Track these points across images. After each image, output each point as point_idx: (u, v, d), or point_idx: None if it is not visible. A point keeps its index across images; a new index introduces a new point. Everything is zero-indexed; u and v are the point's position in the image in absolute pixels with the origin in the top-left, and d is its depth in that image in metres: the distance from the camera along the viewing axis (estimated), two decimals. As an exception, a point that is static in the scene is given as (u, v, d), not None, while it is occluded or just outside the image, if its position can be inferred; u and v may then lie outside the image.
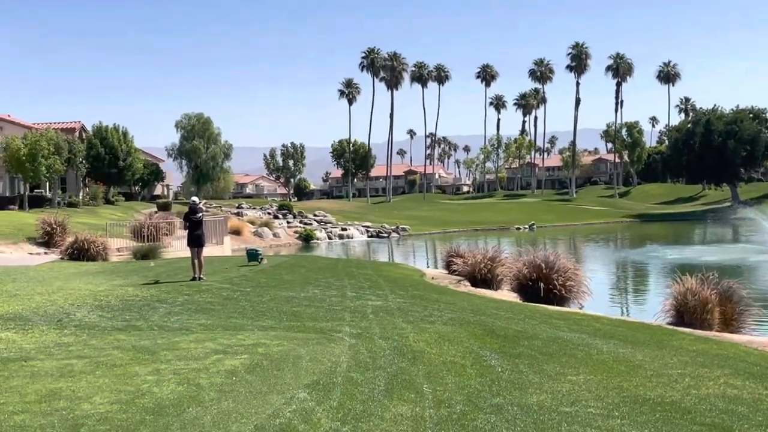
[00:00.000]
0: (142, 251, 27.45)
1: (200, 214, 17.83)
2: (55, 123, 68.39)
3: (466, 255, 22.09)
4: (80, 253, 25.04)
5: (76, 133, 67.49)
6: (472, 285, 20.32)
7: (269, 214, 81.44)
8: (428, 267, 38.99)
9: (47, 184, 59.31)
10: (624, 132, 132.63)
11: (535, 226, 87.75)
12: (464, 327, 11.08)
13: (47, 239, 28.74)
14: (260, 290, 15.16)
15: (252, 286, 15.97)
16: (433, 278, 21.84)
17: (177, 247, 31.63)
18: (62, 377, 7.50)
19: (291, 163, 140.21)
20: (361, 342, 9.48)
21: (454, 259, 22.58)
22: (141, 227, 31.85)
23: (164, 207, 68.19)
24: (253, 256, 21.72)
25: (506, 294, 19.39)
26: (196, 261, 17.41)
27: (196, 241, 17.63)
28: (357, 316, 11.85)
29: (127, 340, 9.47)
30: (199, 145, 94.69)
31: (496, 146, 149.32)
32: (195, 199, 18.07)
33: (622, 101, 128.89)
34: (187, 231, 17.94)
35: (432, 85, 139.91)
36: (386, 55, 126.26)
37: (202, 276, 17.28)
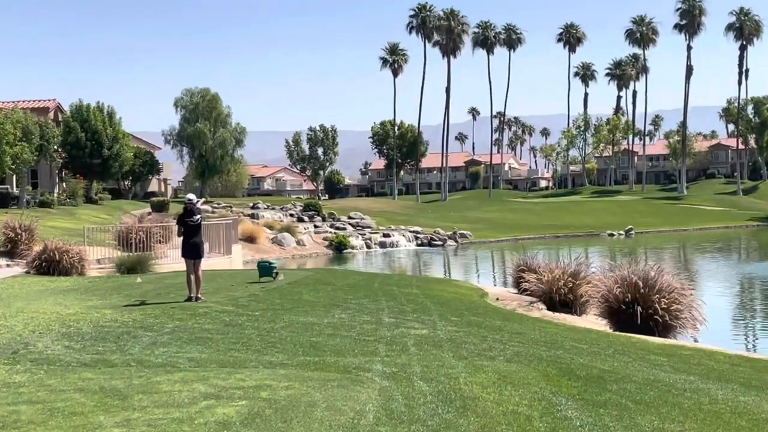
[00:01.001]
0: (128, 263, 27.72)
1: (198, 217, 17.75)
2: (23, 101, 69.63)
3: (541, 269, 22.05)
4: (50, 265, 25.33)
5: (50, 114, 68.67)
6: (548, 308, 20.35)
7: (292, 215, 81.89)
8: (493, 285, 38.82)
9: (13, 178, 60.36)
10: (750, 110, 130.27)
11: (632, 232, 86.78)
12: (533, 365, 10.89)
13: (10, 247, 29.16)
14: (272, 314, 15.14)
15: (262, 309, 15.97)
16: (497, 299, 21.82)
17: (173, 257, 31.81)
18: (3, 429, 7.40)
19: (320, 151, 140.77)
20: (395, 384, 9.31)
21: (525, 275, 22.52)
22: (128, 233, 32.11)
23: (160, 207, 69.10)
24: (265, 270, 21.72)
25: (592, 320, 19.19)
26: (192, 276, 17.41)
27: (193, 251, 17.63)
28: (394, 349, 11.72)
29: (94, 380, 9.39)
30: (203, 128, 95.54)
31: (582, 129, 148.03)
32: (191, 196, 17.95)
33: (747, 70, 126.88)
34: (181, 238, 17.94)
35: (500, 51, 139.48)
36: (441, 13, 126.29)
37: (199, 296, 17.33)
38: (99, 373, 9.84)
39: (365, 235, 75.81)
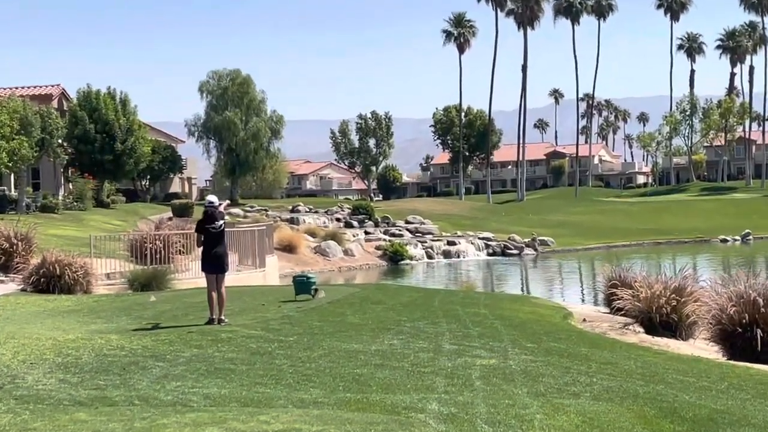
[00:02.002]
0: (142, 278, 27.83)
1: (221, 222, 17.68)
2: (22, 87, 70.63)
3: (638, 284, 21.92)
4: (49, 281, 25.47)
5: (54, 103, 69.60)
6: (647, 331, 20.20)
7: (338, 220, 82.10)
8: (580, 303, 38.37)
9: (11, 177, 61.24)
10: None
11: (750, 237, 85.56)
12: (627, 403, 10.62)
13: (4, 260, 29.41)
14: (309, 340, 15.07)
15: (297, 333, 15.89)
16: (584, 321, 21.74)
17: (195, 271, 31.88)
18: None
19: (372, 143, 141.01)
20: (454, 429, 9.10)
21: (618, 291, 22.31)
22: (143, 242, 32.22)
23: (182, 211, 69.59)
24: (302, 286, 21.63)
25: (700, 347, 19.01)
26: (214, 294, 17.35)
27: (215, 264, 17.60)
28: (455, 383, 11.53)
29: (88, 423, 9.24)
30: (234, 117, 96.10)
31: (688, 113, 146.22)
32: (212, 198, 17.92)
33: None
34: (201, 248, 17.92)
35: (587, 21, 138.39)
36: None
37: (222, 317, 17.27)
38: (95, 413, 9.70)
39: (426, 242, 75.66)
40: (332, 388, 11.08)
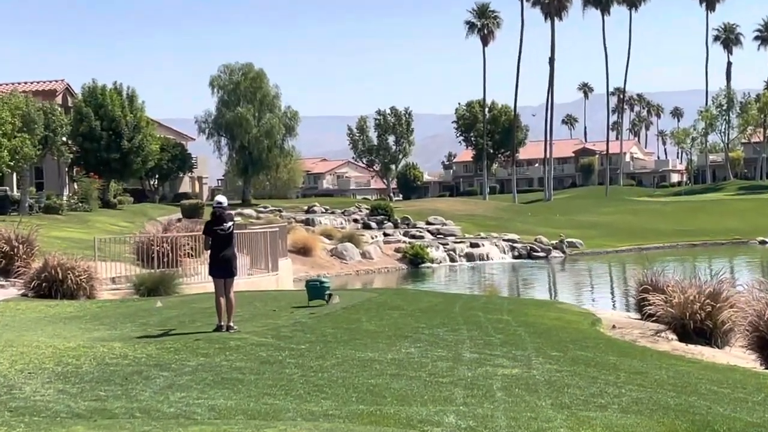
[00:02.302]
0: (149, 283, 27.86)
1: (230, 224, 17.74)
2: (24, 82, 70.91)
3: (671, 288, 21.81)
4: (51, 286, 25.47)
5: (58, 99, 69.88)
6: (680, 339, 20.07)
7: (356, 221, 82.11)
8: (610, 308, 38.18)
9: (13, 177, 61.43)
10: None
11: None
12: (658, 416, 10.54)
13: (4, 264, 29.46)
14: (321, 348, 15.04)
15: (309, 341, 15.86)
16: (613, 327, 21.70)
17: (204, 275, 31.88)
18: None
19: (391, 140, 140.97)
20: (473, 444, 8.96)
21: (649, 296, 22.19)
22: (149, 244, 32.26)
23: (192, 212, 69.70)
24: (316, 291, 21.59)
25: (737, 355, 18.97)
26: (222, 300, 17.40)
27: (222, 268, 17.63)
28: (475, 394, 11.48)
29: (86, 436, 9.19)
30: (246, 113, 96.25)
31: (725, 107, 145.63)
32: (221, 199, 18.00)
33: None
34: (209, 251, 17.95)
35: (618, 11, 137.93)
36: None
37: (231, 324, 17.29)
38: (93, 426, 9.66)
39: (448, 245, 75.58)
40: (344, 400, 11.04)
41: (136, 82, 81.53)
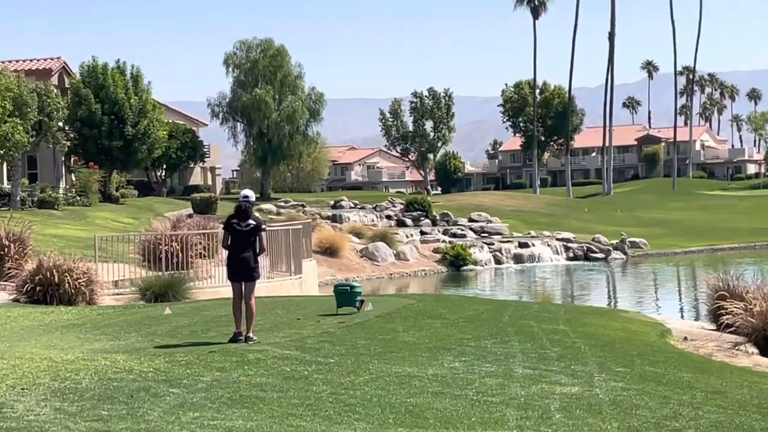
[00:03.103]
0: (156, 287, 27.86)
1: (252, 222, 17.84)
2: (16, 60, 71.25)
3: (751, 295, 21.65)
4: (46, 290, 25.41)
5: (54, 79, 70.17)
6: (762, 353, 19.94)
7: (389, 218, 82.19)
8: (679, 317, 37.98)
9: (4, 167, 61.71)
10: None
11: None
12: (741, 443, 10.38)
13: (-6, 266, 29.49)
14: (353, 362, 15.03)
15: (339, 354, 15.85)
16: (685, 339, 21.60)
17: (219, 278, 32.00)
18: None
19: (429, 126, 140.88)
20: (530, 473, 8.87)
21: (726, 303, 21.93)
22: (157, 243, 32.28)
23: (205, 207, 69.98)
24: (346, 297, 21.56)
25: None
26: (242, 305, 17.53)
27: (239, 271, 17.76)
28: (529, 416, 11.44)
29: (87, 462, 9.14)
30: (265, 95, 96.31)
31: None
32: (248, 193, 18.25)
33: None
34: (227, 251, 18.05)
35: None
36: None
37: (250, 335, 17.38)
38: (95, 451, 9.62)
39: (493, 245, 75.54)
40: (381, 422, 11.01)
41: (141, 61, 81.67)
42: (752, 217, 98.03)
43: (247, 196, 18.07)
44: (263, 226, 18.23)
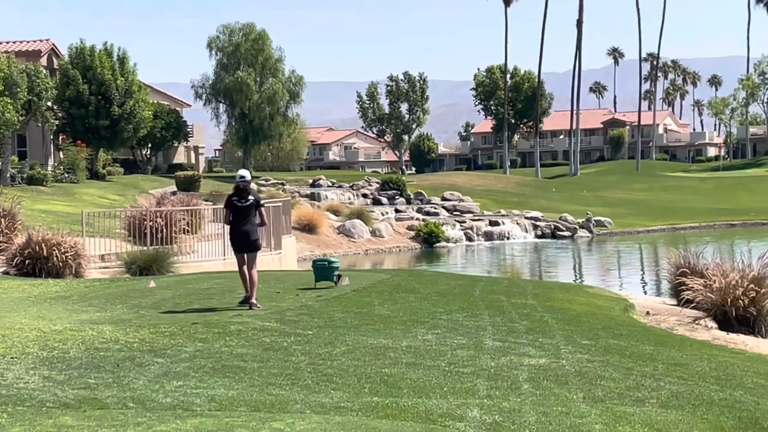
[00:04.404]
0: (141, 261, 27.90)
1: (251, 197, 18.67)
2: (6, 42, 71.02)
3: (711, 272, 21.76)
4: (35, 263, 25.39)
5: (43, 60, 69.87)
6: (721, 327, 19.98)
7: (365, 196, 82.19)
8: (642, 293, 38.13)
9: (-7, 145, 61.38)
10: None
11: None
12: (701, 412, 10.50)
13: (-16, 240, 29.39)
14: (330, 334, 15.02)
15: (317, 326, 15.83)
16: (648, 314, 21.58)
17: (202, 253, 32.02)
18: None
19: (404, 108, 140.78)
20: (499, 441, 8.92)
21: (687, 280, 22.01)
22: (142, 219, 32.25)
23: (188, 184, 69.83)
24: (324, 271, 21.53)
25: None
26: (245, 269, 18.42)
27: (240, 242, 18.59)
28: (499, 386, 11.46)
29: (74, 428, 9.13)
30: (247, 77, 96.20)
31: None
32: (244, 173, 19.01)
33: None
34: (230, 226, 18.93)
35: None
36: None
37: (253, 301, 18.10)
38: (82, 417, 9.59)
39: (465, 222, 75.63)
40: (357, 391, 11.02)
41: (127, 43, 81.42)
42: (712, 198, 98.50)
43: (243, 176, 18.81)
44: (261, 202, 19.13)
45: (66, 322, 16.10)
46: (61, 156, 69.54)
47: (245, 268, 18.41)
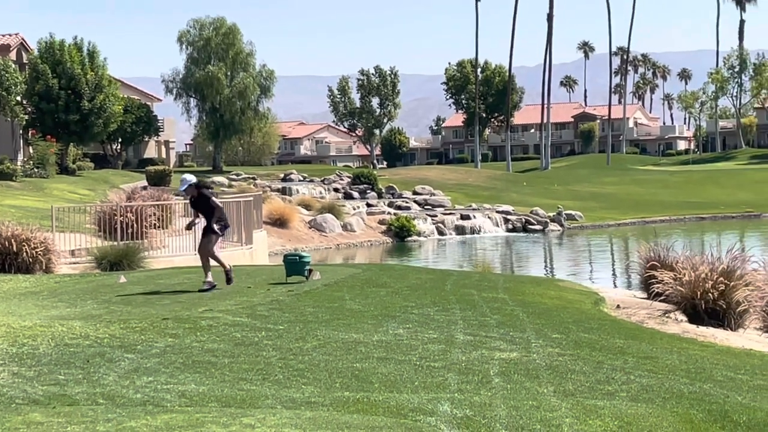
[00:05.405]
0: (112, 256, 27.79)
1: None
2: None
3: (680, 265, 21.74)
4: (4, 259, 25.36)
5: (12, 54, 69.42)
6: (690, 320, 19.98)
7: (337, 190, 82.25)
8: (612, 286, 38.25)
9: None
10: None
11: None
12: (671, 405, 10.51)
13: (-48, 235, 29.22)
14: (301, 329, 14.97)
15: (288, 321, 15.78)
16: (618, 307, 21.58)
17: (173, 248, 31.92)
18: None
19: (375, 102, 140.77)
20: (470, 436, 8.92)
21: (657, 273, 22.03)
22: (112, 214, 32.14)
23: (159, 179, 69.73)
24: (295, 266, 21.49)
25: (753, 338, 18.89)
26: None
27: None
28: (470, 380, 11.45)
29: (44, 425, 9.10)
30: (217, 72, 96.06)
31: (737, 69, 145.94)
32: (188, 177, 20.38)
33: None
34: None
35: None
36: None
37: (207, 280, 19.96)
38: (52, 414, 9.55)
39: (436, 216, 75.71)
40: (328, 386, 11.00)
41: (97, 37, 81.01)
42: (682, 191, 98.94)
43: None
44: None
45: (36, 318, 16.01)
46: (31, 151, 69.22)
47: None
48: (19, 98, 63.93)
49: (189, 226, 22.02)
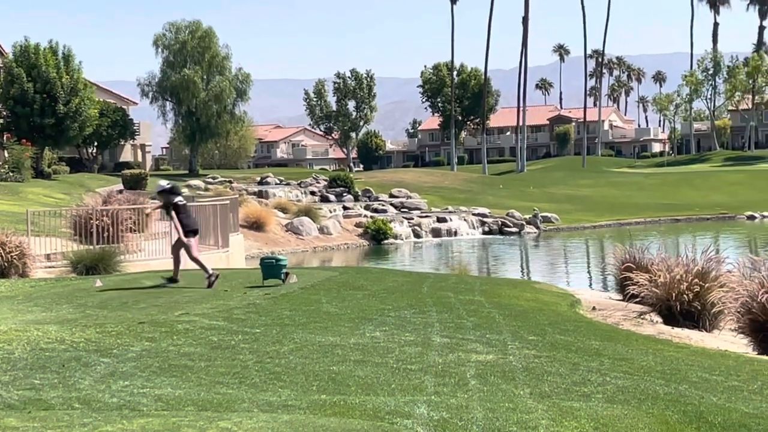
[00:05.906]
0: (88, 260, 27.69)
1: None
2: (-53, 40, 70.00)
3: (656, 267, 21.85)
4: (-21, 264, 25.18)
5: (-14, 58, 69.03)
6: (665, 321, 20.07)
7: (313, 193, 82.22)
8: (588, 288, 38.34)
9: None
10: None
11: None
12: (646, 406, 10.53)
13: (-73, 240, 29.07)
14: (278, 332, 14.93)
15: (264, 324, 15.74)
16: (594, 309, 21.69)
17: (149, 251, 31.84)
18: None
19: (352, 105, 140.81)
20: (446, 438, 8.91)
21: (632, 275, 22.12)
22: (87, 218, 32.04)
23: (135, 182, 69.57)
24: (271, 269, 21.46)
25: (728, 339, 18.98)
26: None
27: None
28: (447, 383, 11.42)
29: (19, 430, 9.03)
30: (193, 75, 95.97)
31: (711, 72, 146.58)
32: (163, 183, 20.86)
33: None
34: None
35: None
36: None
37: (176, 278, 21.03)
38: (27, 419, 9.49)
39: (413, 219, 75.75)
40: (305, 389, 10.96)
41: (72, 41, 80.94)
42: (657, 194, 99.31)
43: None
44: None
45: (11, 323, 15.93)
46: (6, 155, 68.96)
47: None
48: (-8, 102, 63.74)
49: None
